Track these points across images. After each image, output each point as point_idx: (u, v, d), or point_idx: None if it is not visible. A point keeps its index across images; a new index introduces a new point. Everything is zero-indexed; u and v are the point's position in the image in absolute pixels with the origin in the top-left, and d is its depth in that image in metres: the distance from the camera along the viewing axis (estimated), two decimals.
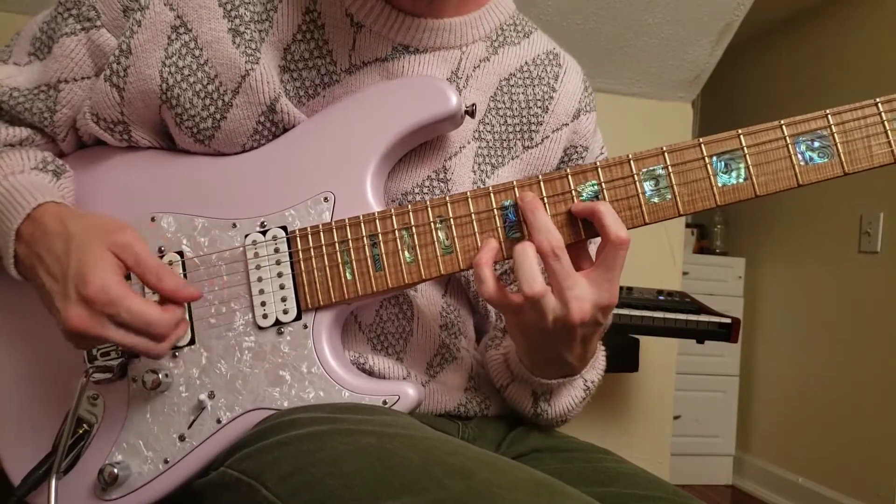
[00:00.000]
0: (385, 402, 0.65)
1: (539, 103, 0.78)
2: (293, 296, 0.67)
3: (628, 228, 0.62)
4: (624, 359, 1.96)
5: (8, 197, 0.66)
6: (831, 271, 2.57)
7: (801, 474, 2.63)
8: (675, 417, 2.42)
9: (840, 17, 2.62)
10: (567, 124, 0.80)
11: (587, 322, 0.61)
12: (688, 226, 3.00)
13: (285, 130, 0.71)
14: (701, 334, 1.76)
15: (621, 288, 1.84)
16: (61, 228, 0.64)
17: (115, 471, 0.65)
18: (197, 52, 0.69)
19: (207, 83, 0.69)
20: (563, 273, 0.60)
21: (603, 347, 0.80)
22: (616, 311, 1.69)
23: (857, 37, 2.53)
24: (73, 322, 0.59)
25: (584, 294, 0.60)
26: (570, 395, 0.75)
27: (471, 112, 0.70)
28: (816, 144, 0.61)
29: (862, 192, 2.43)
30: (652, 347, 2.06)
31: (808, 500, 2.56)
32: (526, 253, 0.61)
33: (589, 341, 0.66)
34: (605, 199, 0.63)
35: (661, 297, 1.86)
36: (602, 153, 0.85)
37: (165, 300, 0.63)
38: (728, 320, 1.75)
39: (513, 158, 0.77)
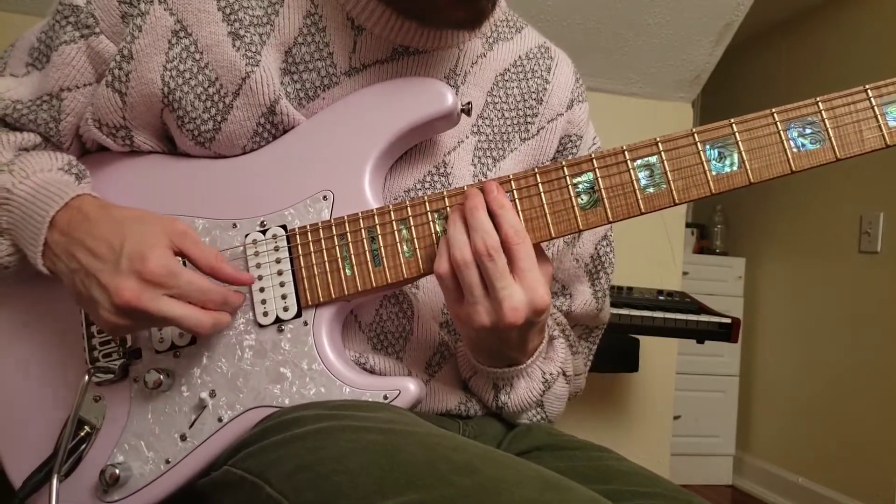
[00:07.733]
0: (386, 398, 0.64)
1: (534, 95, 0.79)
2: (293, 293, 0.67)
3: (624, 218, 0.64)
4: (624, 359, 1.96)
5: (41, 189, 0.67)
6: (831, 271, 2.57)
7: (801, 474, 2.63)
8: (675, 417, 2.42)
9: (840, 17, 2.62)
10: (562, 114, 0.81)
11: (522, 326, 0.62)
12: (688, 226, 3.00)
13: (285, 132, 0.72)
14: (701, 334, 1.76)
15: (621, 288, 1.85)
16: (106, 214, 0.65)
17: (117, 472, 0.65)
18: (197, 56, 0.70)
19: (208, 86, 0.70)
20: (497, 274, 0.61)
21: (562, 338, 0.80)
22: (616, 311, 1.68)
23: (857, 37, 2.53)
24: (125, 295, 0.60)
25: (517, 296, 0.61)
26: (529, 388, 0.75)
27: (467, 110, 0.71)
28: (808, 131, 0.62)
29: (862, 192, 2.43)
30: (652, 347, 2.06)
31: (808, 500, 2.56)
32: (454, 223, 0.63)
33: (526, 337, 0.67)
34: (600, 188, 0.64)
35: (661, 297, 1.86)
36: (595, 143, 0.86)
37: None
38: (728, 320, 1.75)
39: (512, 151, 0.78)
